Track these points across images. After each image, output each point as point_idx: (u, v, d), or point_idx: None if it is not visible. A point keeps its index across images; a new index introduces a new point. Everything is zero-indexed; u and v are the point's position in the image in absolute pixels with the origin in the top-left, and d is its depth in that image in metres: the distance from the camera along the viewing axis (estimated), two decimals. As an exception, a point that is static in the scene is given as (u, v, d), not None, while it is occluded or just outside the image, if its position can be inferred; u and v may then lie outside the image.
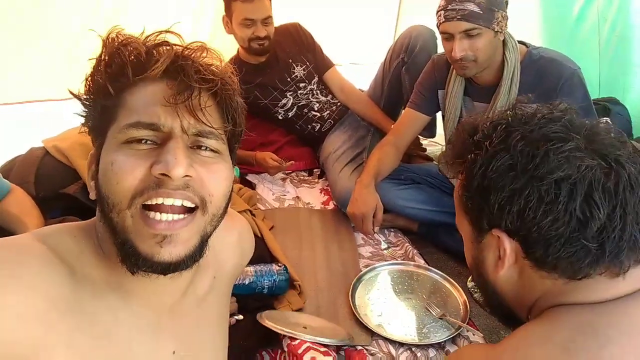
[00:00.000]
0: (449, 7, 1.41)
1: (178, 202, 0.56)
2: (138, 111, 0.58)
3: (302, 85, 2.17)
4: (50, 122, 1.79)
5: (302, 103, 2.18)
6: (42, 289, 0.52)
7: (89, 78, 0.60)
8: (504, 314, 0.77)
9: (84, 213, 1.27)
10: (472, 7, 1.38)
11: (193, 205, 0.58)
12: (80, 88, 0.62)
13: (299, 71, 2.17)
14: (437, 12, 1.47)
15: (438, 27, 1.50)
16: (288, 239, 1.72)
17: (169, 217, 0.56)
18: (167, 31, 0.61)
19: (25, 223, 1.24)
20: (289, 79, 2.15)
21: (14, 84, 1.82)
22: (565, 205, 0.60)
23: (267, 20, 1.99)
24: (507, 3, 1.46)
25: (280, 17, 2.11)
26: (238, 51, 2.14)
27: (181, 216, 0.57)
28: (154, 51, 0.59)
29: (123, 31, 0.60)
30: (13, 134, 1.78)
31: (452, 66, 1.64)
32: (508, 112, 0.69)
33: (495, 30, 1.43)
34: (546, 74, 1.48)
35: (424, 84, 1.76)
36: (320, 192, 2.09)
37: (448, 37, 1.46)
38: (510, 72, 1.50)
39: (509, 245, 0.65)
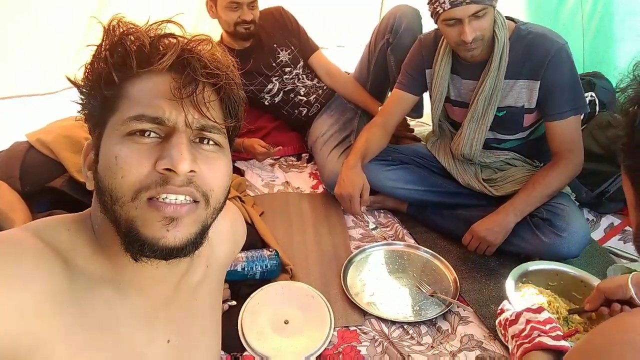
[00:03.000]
0: None
1: (181, 197, 0.56)
2: (141, 103, 0.57)
3: (287, 69, 2.15)
4: (32, 117, 1.76)
5: (288, 88, 2.16)
6: (39, 283, 0.52)
7: (89, 66, 0.59)
8: None
9: (72, 206, 1.27)
10: None
11: (196, 200, 0.58)
12: (76, 75, 0.60)
13: (284, 56, 2.14)
14: (437, 0, 1.41)
15: (437, 16, 1.44)
16: (278, 224, 1.72)
17: (176, 200, 0.56)
18: (168, 21, 0.60)
19: (12, 219, 1.24)
20: (274, 64, 2.13)
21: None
22: None
23: (253, 4, 1.96)
24: None
25: (264, 1, 2.08)
26: (222, 37, 2.11)
27: (186, 201, 0.57)
28: (158, 43, 0.58)
29: (124, 19, 0.58)
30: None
31: (439, 45, 1.63)
32: None
33: (494, 6, 1.42)
34: (534, 49, 1.48)
35: (411, 64, 1.75)
36: (309, 177, 2.09)
37: (455, 22, 1.42)
38: (500, 48, 1.50)
39: None
